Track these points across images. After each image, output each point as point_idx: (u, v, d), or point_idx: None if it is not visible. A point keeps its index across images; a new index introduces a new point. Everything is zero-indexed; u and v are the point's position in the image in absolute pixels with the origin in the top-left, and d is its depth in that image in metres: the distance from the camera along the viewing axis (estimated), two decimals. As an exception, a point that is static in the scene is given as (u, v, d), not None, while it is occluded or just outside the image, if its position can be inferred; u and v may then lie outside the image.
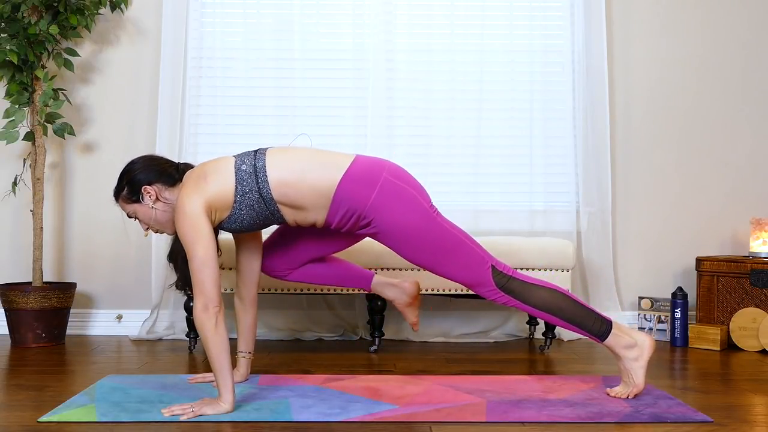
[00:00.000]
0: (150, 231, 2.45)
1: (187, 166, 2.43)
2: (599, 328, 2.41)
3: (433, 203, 2.41)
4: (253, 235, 2.55)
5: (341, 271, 2.69)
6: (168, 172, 2.38)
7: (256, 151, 2.35)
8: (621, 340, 2.41)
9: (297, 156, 2.36)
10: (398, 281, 2.74)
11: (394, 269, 3.18)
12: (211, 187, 2.28)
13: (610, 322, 2.43)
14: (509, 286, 2.38)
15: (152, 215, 2.37)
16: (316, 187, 2.29)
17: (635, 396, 2.41)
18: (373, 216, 2.31)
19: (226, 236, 2.87)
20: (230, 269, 3.13)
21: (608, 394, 2.44)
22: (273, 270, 2.64)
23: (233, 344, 2.61)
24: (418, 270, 3.15)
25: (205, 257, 2.21)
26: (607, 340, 2.41)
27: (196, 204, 2.25)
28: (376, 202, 2.29)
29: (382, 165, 2.35)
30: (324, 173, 2.30)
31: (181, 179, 2.38)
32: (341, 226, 2.36)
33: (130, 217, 2.42)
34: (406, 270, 3.18)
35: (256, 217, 2.34)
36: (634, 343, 2.41)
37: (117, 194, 2.42)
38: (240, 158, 2.34)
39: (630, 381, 2.41)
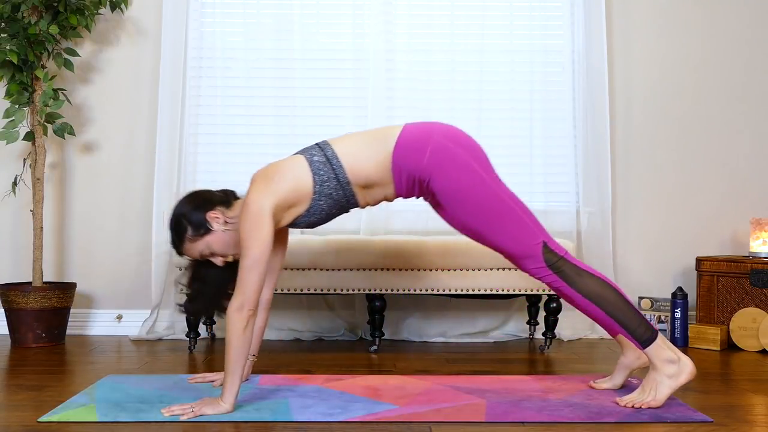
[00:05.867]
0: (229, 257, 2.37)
1: (228, 192, 2.44)
2: (643, 332, 2.30)
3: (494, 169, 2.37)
4: (282, 233, 2.54)
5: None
6: (218, 196, 2.40)
7: (317, 144, 2.39)
8: (664, 353, 2.30)
9: (354, 139, 2.42)
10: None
11: (400, 269, 3.17)
12: (283, 186, 2.29)
13: (657, 331, 2.32)
14: (559, 266, 2.31)
15: (226, 239, 2.35)
16: (377, 162, 2.33)
17: (647, 408, 2.28)
18: (429, 177, 2.31)
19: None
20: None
21: (617, 403, 2.32)
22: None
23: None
24: (425, 270, 3.15)
25: (260, 258, 2.20)
26: (649, 348, 2.30)
27: (266, 203, 2.25)
28: (429, 164, 2.30)
29: (432, 128, 2.37)
30: (378, 147, 2.34)
31: (231, 199, 2.40)
32: (412, 194, 2.39)
33: (203, 258, 2.36)
34: (408, 270, 3.18)
35: (333, 205, 2.37)
36: (677, 360, 2.30)
37: (180, 242, 2.36)
38: (307, 152, 2.37)
39: (650, 392, 2.29)
